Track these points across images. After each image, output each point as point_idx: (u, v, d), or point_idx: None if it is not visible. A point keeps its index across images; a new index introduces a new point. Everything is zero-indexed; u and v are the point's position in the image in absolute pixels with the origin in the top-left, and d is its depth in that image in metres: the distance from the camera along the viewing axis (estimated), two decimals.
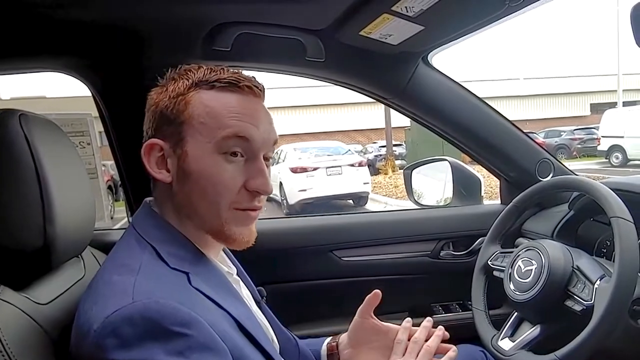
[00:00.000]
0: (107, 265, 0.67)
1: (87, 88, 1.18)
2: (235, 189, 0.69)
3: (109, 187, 8.38)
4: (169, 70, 0.74)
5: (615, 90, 19.92)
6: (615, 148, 14.39)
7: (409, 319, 0.87)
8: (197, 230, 0.71)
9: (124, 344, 0.54)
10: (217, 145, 0.67)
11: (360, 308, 0.92)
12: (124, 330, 0.54)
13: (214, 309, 0.63)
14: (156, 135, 0.70)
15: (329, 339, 0.98)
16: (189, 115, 0.68)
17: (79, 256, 0.88)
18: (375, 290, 0.90)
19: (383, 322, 0.92)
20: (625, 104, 19.23)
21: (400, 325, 0.87)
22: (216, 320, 0.61)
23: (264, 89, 0.73)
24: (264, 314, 0.87)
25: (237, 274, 0.84)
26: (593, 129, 17.35)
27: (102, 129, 1.28)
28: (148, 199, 0.76)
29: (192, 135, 0.67)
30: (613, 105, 19.42)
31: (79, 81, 1.17)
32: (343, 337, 0.95)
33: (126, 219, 1.44)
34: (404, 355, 0.81)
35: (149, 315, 0.55)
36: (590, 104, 27.27)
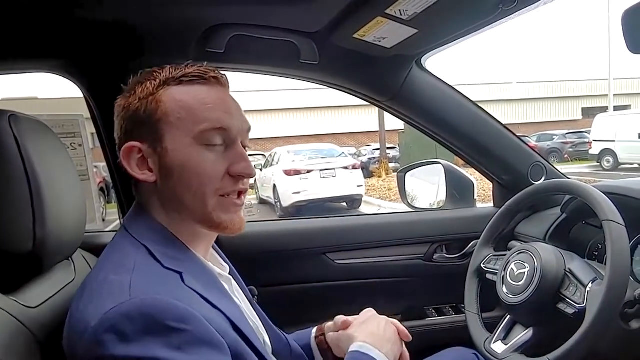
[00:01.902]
0: (101, 266, 0.67)
1: (79, 89, 1.18)
2: (219, 176, 0.70)
3: (101, 189, 8.31)
4: (131, 77, 0.74)
5: (607, 95, 20.10)
6: (606, 152, 14.51)
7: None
8: (187, 223, 0.72)
9: (122, 339, 0.54)
10: (196, 138, 0.69)
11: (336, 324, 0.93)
12: (123, 326, 0.55)
13: (208, 307, 0.64)
14: (131, 138, 0.71)
15: (314, 332, 0.99)
16: (163, 113, 0.69)
17: (70, 259, 0.87)
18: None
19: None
20: (616, 108, 19.44)
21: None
22: (212, 318, 0.62)
23: (227, 79, 0.75)
24: (255, 313, 0.87)
25: (230, 272, 0.85)
26: (585, 133, 17.50)
27: (94, 131, 1.27)
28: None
29: (169, 131, 0.69)
30: (604, 109, 19.64)
31: (70, 82, 1.16)
32: (329, 331, 0.95)
33: (118, 221, 1.43)
34: None
35: (147, 311, 0.56)
36: (582, 108, 27.50)
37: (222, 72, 0.74)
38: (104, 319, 0.55)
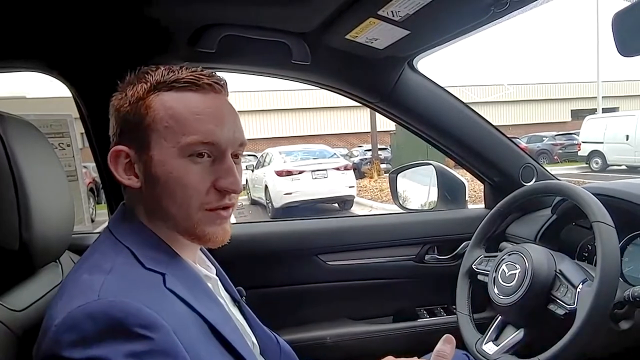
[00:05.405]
0: (79, 266, 0.65)
1: (67, 89, 1.16)
2: (203, 190, 0.68)
3: (91, 190, 8.23)
4: (128, 74, 0.72)
5: (595, 97, 20.32)
6: (595, 153, 14.65)
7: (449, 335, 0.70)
8: (171, 232, 0.70)
9: (81, 340, 0.52)
10: (182, 149, 0.66)
11: None
12: (84, 326, 0.53)
13: (185, 312, 0.62)
14: (121, 141, 0.69)
15: None
16: (151, 120, 0.66)
17: (57, 261, 0.86)
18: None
19: None
20: (604, 110, 19.64)
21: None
22: (185, 325, 0.60)
23: (225, 84, 0.71)
24: (243, 314, 0.86)
25: (217, 273, 0.83)
26: (574, 135, 17.67)
27: (83, 130, 1.25)
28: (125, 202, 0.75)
29: (156, 140, 0.66)
30: (593, 111, 19.81)
31: (59, 82, 1.15)
32: None
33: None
34: None
35: (113, 313, 0.54)
36: (571, 110, 27.76)
37: (220, 77, 0.70)
38: (67, 318, 0.54)
